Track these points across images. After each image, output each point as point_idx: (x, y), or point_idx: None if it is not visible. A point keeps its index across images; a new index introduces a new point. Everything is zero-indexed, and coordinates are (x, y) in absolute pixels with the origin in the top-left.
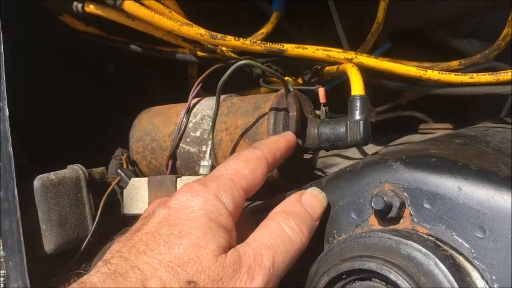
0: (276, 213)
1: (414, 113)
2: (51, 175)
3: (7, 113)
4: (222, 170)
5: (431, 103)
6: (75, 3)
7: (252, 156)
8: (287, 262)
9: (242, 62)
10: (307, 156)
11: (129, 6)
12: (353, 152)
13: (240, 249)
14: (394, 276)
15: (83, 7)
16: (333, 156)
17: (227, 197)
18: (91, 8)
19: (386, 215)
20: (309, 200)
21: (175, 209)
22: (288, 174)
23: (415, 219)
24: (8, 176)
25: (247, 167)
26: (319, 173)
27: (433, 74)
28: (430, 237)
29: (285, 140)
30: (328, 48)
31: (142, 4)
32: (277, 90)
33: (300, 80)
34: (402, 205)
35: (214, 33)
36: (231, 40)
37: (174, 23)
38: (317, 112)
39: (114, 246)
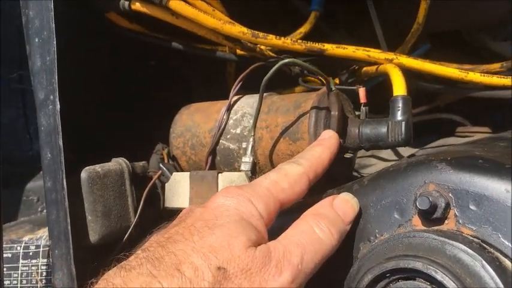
0: (307, 214)
1: (452, 116)
2: (97, 167)
3: (58, 107)
4: (261, 179)
5: (466, 106)
6: (122, 0)
7: (294, 172)
8: (316, 261)
9: (287, 60)
10: (347, 155)
11: (175, 4)
12: (388, 154)
13: (270, 245)
14: (440, 276)
15: (129, 5)
16: (368, 157)
17: (260, 203)
18: (137, 6)
19: (431, 216)
20: (341, 205)
21: (210, 207)
22: (327, 173)
23: (460, 221)
24: (57, 168)
25: (286, 180)
26: (355, 174)
27: (475, 76)
28: (476, 239)
29: (328, 152)
30: (368, 49)
31: (187, 2)
32: (314, 90)
33: (337, 81)
34: (447, 206)
35: (256, 32)
36: (273, 39)
37: (218, 21)
38: (356, 113)
39: (153, 237)
